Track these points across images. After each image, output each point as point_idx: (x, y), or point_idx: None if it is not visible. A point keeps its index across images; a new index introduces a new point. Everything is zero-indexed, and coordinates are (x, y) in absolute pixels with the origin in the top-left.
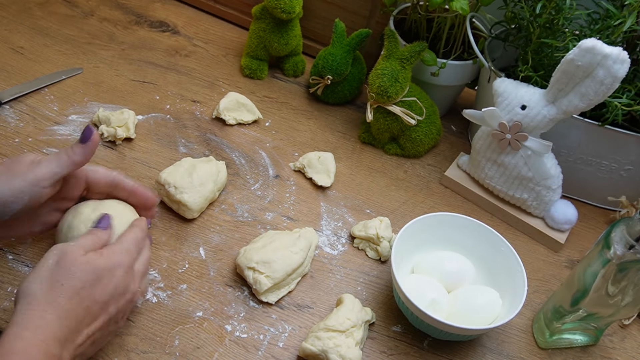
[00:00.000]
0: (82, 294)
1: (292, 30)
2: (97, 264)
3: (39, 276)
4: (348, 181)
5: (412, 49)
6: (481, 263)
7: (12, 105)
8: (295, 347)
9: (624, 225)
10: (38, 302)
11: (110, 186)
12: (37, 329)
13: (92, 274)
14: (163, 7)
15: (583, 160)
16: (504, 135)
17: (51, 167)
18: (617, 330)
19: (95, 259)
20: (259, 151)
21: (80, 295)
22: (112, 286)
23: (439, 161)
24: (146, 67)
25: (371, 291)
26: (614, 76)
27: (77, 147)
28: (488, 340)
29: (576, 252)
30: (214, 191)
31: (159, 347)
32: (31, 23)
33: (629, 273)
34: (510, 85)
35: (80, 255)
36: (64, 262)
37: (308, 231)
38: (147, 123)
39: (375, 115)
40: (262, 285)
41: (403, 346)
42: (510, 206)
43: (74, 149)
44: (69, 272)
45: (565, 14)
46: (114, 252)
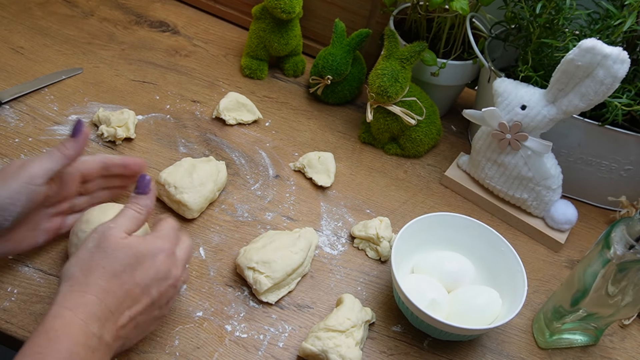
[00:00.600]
0: (122, 277)
1: (292, 30)
2: (138, 248)
3: (79, 259)
4: (348, 181)
5: (412, 49)
6: (481, 263)
7: (12, 105)
8: (295, 347)
9: (624, 225)
10: (79, 283)
11: (103, 169)
12: (77, 308)
13: (133, 257)
14: (163, 7)
15: (583, 160)
16: (504, 135)
17: (43, 164)
18: (617, 330)
19: (137, 243)
20: (259, 151)
21: (120, 278)
22: (153, 270)
23: (439, 161)
24: (146, 67)
25: (371, 291)
26: (614, 76)
27: (68, 142)
28: (488, 340)
29: (576, 252)
30: (214, 191)
31: (159, 347)
32: (31, 23)
33: (629, 273)
34: (510, 85)
35: (121, 238)
36: (104, 245)
37: (308, 231)
38: (147, 123)
39: (375, 115)
40: (262, 285)
41: (403, 346)
42: (510, 206)
43: (65, 144)
44: (110, 255)
45: (565, 14)
46: (154, 237)
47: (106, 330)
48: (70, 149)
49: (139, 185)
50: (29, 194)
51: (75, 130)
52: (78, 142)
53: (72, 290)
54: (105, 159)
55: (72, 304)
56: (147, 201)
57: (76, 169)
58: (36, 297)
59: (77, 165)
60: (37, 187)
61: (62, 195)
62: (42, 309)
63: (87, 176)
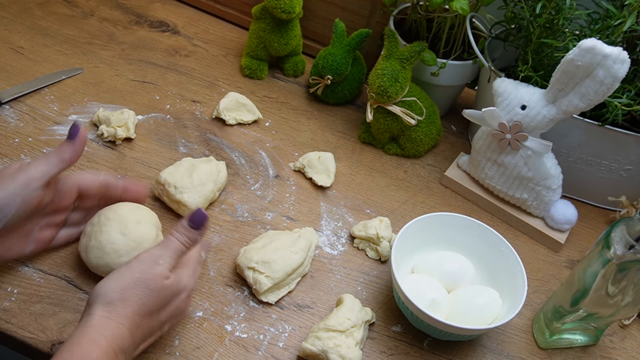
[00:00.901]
0: (154, 315)
1: (292, 30)
2: (173, 289)
3: (121, 286)
4: (348, 181)
5: (412, 49)
6: (481, 263)
7: (12, 105)
8: (295, 347)
9: (624, 225)
10: (117, 313)
11: (102, 188)
12: (112, 339)
13: (168, 298)
14: (163, 7)
15: (583, 160)
16: (504, 135)
17: (40, 167)
18: (617, 330)
19: (175, 284)
20: (259, 151)
21: (152, 316)
22: (174, 307)
23: (439, 161)
24: (146, 67)
25: (371, 291)
26: (614, 76)
27: (65, 145)
28: (488, 340)
29: (576, 252)
30: (214, 191)
31: (159, 347)
32: (31, 23)
33: (629, 273)
34: (510, 85)
35: (165, 278)
36: (149, 283)
37: (308, 231)
38: (147, 123)
39: (375, 115)
40: (262, 285)
41: (403, 346)
42: (510, 206)
43: (62, 147)
44: (152, 294)
45: (565, 14)
46: (184, 274)
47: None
48: (67, 152)
49: (195, 219)
50: (25, 197)
51: (72, 133)
52: (75, 146)
53: (109, 318)
54: (107, 180)
55: (109, 333)
56: (197, 237)
57: (75, 182)
58: (36, 297)
59: (77, 179)
60: (33, 191)
61: (57, 205)
62: (42, 309)
63: (84, 191)
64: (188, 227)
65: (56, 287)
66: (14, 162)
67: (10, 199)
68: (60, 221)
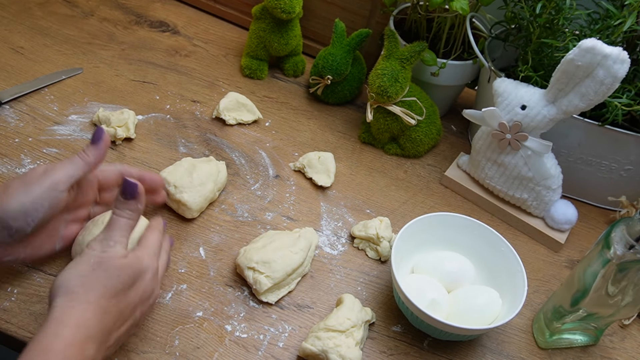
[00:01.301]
0: (119, 297)
1: (292, 30)
2: (134, 267)
3: (79, 274)
4: (348, 181)
5: (412, 49)
6: (481, 263)
7: (12, 105)
8: (295, 347)
9: (624, 225)
10: (79, 300)
11: (119, 177)
12: (78, 329)
13: (131, 277)
14: (163, 7)
15: (583, 160)
16: (504, 135)
17: (66, 170)
18: (617, 330)
19: (134, 262)
20: (259, 151)
21: (118, 298)
22: (141, 289)
23: (439, 161)
24: (146, 67)
25: (371, 291)
26: (614, 76)
27: (89, 149)
28: (488, 340)
29: (576, 252)
30: (214, 191)
31: (159, 347)
32: (31, 23)
33: (629, 273)
34: (510, 85)
35: (122, 256)
36: (106, 263)
37: (308, 231)
38: (147, 123)
39: (375, 115)
40: (262, 285)
41: (403, 346)
42: (510, 206)
43: (86, 151)
44: (112, 274)
45: (565, 14)
46: (144, 254)
47: (98, 352)
48: (91, 155)
49: (127, 190)
50: (52, 200)
51: (96, 137)
52: (99, 149)
53: (72, 306)
54: (123, 168)
55: (72, 323)
56: (136, 206)
57: (94, 176)
58: (36, 297)
59: (95, 173)
60: (60, 194)
61: (80, 201)
62: (42, 308)
63: (104, 184)
64: (123, 200)
65: None
66: (37, 166)
67: (37, 204)
68: (84, 216)
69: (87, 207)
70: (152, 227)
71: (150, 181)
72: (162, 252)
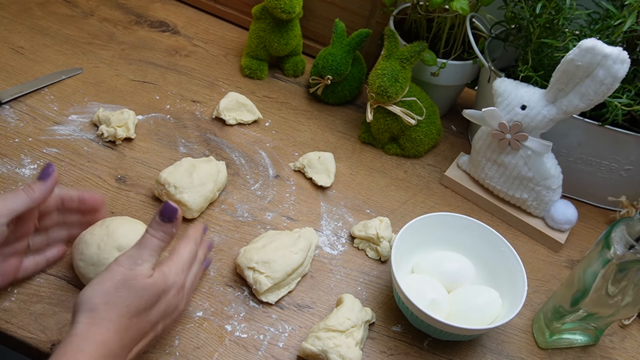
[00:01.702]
0: (141, 315)
1: (292, 30)
2: (160, 286)
3: (103, 291)
4: (348, 181)
5: (412, 49)
6: (481, 263)
7: (12, 105)
8: (295, 347)
9: (624, 225)
10: (102, 317)
11: (59, 202)
12: (99, 345)
13: (154, 296)
14: (163, 7)
15: (583, 160)
16: (504, 135)
17: (8, 204)
18: (617, 330)
19: (160, 281)
20: (259, 151)
21: (139, 316)
22: (164, 306)
23: (439, 161)
24: (146, 67)
25: (371, 291)
26: (614, 76)
27: (35, 185)
28: (488, 340)
29: (576, 252)
30: (214, 191)
31: (159, 347)
32: (31, 23)
33: (629, 273)
34: (510, 85)
35: (148, 276)
36: (131, 283)
37: (308, 231)
38: (147, 123)
39: (375, 115)
40: (262, 285)
41: (403, 346)
42: (510, 206)
43: (32, 187)
44: (136, 294)
45: (565, 14)
46: (171, 271)
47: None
48: (37, 192)
49: (166, 213)
50: None
51: (45, 173)
52: (46, 185)
53: (94, 324)
54: (61, 192)
55: (94, 339)
56: (171, 230)
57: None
58: (36, 297)
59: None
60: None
61: (19, 234)
62: (42, 309)
63: (43, 210)
64: (160, 221)
65: (56, 287)
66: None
67: None
68: (23, 248)
69: (25, 238)
70: (188, 238)
71: (92, 201)
72: (195, 264)
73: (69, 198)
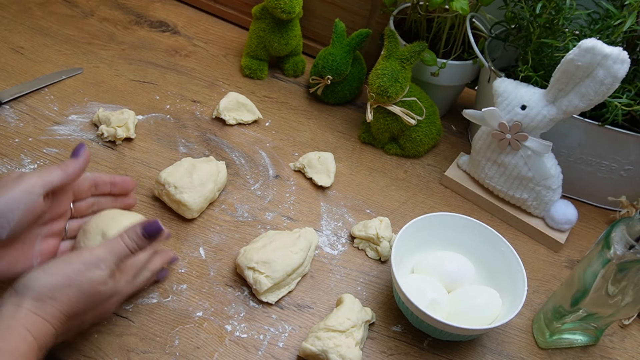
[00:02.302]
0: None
1: (292, 30)
2: (107, 293)
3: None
4: (348, 181)
5: (412, 49)
6: (481, 263)
7: (12, 105)
8: (295, 347)
9: (624, 225)
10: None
11: (92, 186)
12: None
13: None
14: (163, 7)
15: (583, 160)
16: (504, 135)
17: (43, 176)
18: (617, 330)
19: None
20: (259, 151)
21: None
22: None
23: (439, 161)
24: (146, 67)
25: (371, 291)
26: (614, 76)
27: (69, 161)
28: (488, 340)
29: (576, 252)
30: (214, 191)
31: (159, 347)
32: (31, 23)
33: (629, 273)
34: (510, 85)
35: (102, 284)
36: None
37: (308, 231)
38: (147, 123)
39: (375, 115)
40: (262, 285)
41: (403, 346)
42: (510, 206)
43: (66, 163)
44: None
45: (565, 14)
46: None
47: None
48: (70, 167)
49: (150, 229)
50: (28, 203)
51: (77, 152)
52: (79, 162)
53: (37, 315)
54: (94, 176)
55: (35, 329)
56: (146, 246)
57: (69, 187)
58: None
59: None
60: (36, 197)
61: (55, 213)
62: None
63: (77, 194)
64: (141, 235)
65: None
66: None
67: (13, 205)
68: (60, 229)
69: (62, 220)
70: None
71: (123, 183)
72: (145, 271)
73: (102, 181)
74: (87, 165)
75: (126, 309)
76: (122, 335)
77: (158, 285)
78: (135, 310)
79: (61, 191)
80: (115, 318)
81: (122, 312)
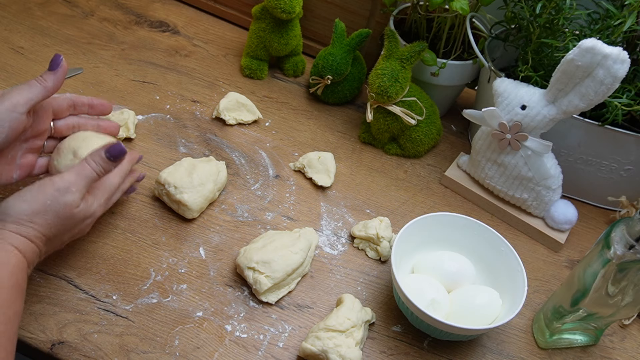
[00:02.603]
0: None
1: (292, 30)
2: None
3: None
4: (348, 181)
5: (412, 49)
6: (481, 263)
7: None
8: (295, 347)
9: (624, 225)
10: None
11: (71, 106)
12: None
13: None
14: (163, 7)
15: (583, 160)
16: (504, 135)
17: (24, 94)
18: (617, 330)
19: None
20: (259, 151)
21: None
22: (77, 230)
23: (439, 161)
24: (146, 67)
25: (371, 291)
26: (614, 76)
27: (47, 75)
28: (488, 340)
29: (576, 252)
30: (214, 191)
31: (159, 347)
32: (31, 23)
33: (629, 273)
34: (510, 85)
35: (75, 207)
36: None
37: (308, 231)
38: (147, 123)
39: (375, 115)
40: (262, 285)
41: (403, 346)
42: (510, 206)
43: (44, 77)
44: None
45: (565, 14)
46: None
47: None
48: (49, 81)
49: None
50: (12, 122)
51: (54, 64)
52: (56, 75)
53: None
54: (73, 97)
55: (22, 247)
56: (111, 168)
57: (48, 104)
58: (36, 297)
59: (49, 100)
60: (19, 115)
61: (36, 129)
62: (42, 309)
63: (57, 112)
64: (105, 157)
65: (56, 287)
66: None
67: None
68: (39, 146)
69: (42, 137)
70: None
71: (100, 106)
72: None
73: (80, 102)
74: (64, 77)
75: (126, 309)
76: (122, 335)
77: (158, 285)
78: (135, 310)
79: (42, 109)
80: (115, 318)
81: (122, 312)
